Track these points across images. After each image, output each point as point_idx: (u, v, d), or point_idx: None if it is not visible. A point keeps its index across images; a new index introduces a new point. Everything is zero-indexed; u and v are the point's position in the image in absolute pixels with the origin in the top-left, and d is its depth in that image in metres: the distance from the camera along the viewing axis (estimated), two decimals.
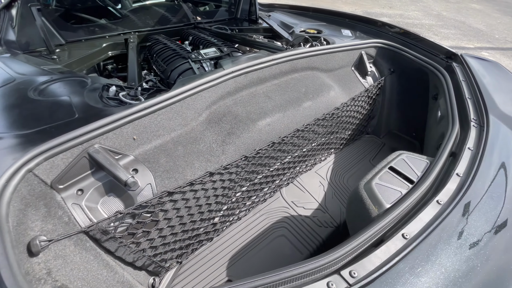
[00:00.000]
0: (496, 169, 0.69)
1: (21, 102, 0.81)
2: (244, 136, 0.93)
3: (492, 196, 0.63)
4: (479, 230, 0.56)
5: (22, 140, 0.66)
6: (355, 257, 0.52)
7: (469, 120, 0.89)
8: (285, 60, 1.11)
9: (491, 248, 0.54)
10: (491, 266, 0.51)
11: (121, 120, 0.71)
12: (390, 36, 1.55)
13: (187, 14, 1.85)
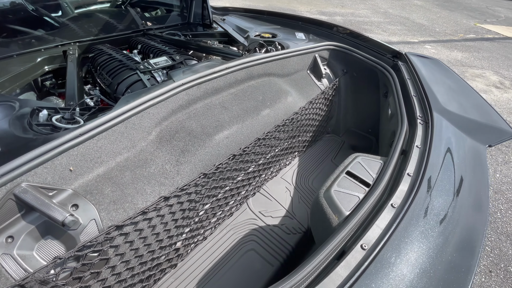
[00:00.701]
0: (441, 164, 0.74)
1: None
2: (200, 153, 0.88)
3: (441, 192, 0.67)
4: (431, 232, 0.59)
5: None
6: (318, 275, 0.50)
7: (416, 118, 0.95)
8: (240, 67, 1.08)
9: (444, 249, 0.57)
10: (445, 267, 0.54)
11: (52, 151, 0.62)
12: (341, 37, 1.60)
13: (135, 20, 1.73)
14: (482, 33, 7.37)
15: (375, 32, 6.24)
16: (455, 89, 1.11)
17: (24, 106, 0.83)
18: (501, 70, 5.12)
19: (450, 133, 0.85)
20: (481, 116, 0.95)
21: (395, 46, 5.12)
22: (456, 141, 0.83)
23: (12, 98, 0.92)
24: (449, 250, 0.58)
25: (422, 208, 0.62)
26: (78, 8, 1.75)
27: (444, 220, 0.62)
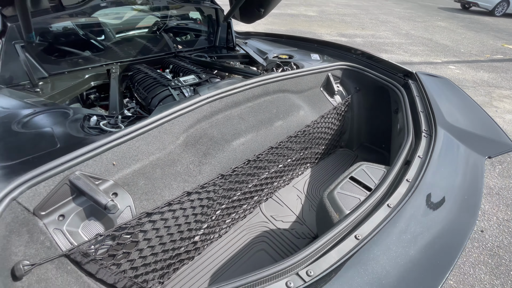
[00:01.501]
0: (439, 172, 0.79)
1: (4, 136, 0.86)
2: (219, 156, 1.00)
3: (435, 195, 0.72)
4: (419, 227, 0.64)
5: (6, 171, 0.70)
6: (314, 259, 0.57)
7: (421, 132, 1.00)
8: (257, 84, 1.21)
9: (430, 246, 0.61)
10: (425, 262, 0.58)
11: (101, 148, 0.77)
12: (354, 58, 1.70)
13: (168, 44, 1.96)
14: (511, 54, 7.12)
15: (395, 53, 6.22)
16: (461, 105, 1.15)
17: (77, 113, 1.01)
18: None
19: (452, 145, 0.89)
20: (483, 130, 0.99)
21: (417, 66, 5.15)
22: (456, 152, 0.87)
23: (67, 106, 1.12)
24: (435, 247, 0.62)
25: (414, 208, 0.68)
26: (119, 33, 2.02)
27: (434, 220, 0.67)
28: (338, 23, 8.44)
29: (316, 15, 9.34)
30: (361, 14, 10.20)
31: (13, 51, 1.23)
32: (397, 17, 10.27)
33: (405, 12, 11.54)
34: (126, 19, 2.00)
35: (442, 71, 5.41)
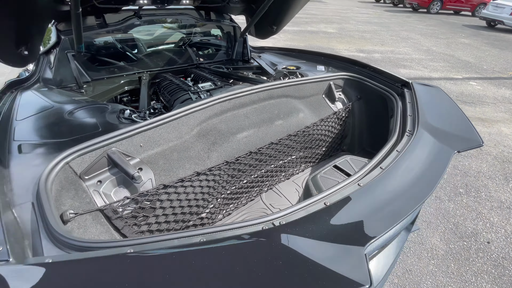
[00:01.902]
0: (410, 161, 0.91)
1: (60, 121, 1.11)
2: (225, 146, 1.18)
3: (400, 176, 0.84)
4: (380, 197, 0.76)
5: (62, 144, 0.92)
6: (287, 215, 0.72)
7: (405, 131, 1.12)
8: (263, 89, 1.40)
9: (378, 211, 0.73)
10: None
11: (132, 132, 0.98)
12: (357, 70, 1.85)
13: (191, 56, 2.24)
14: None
15: (414, 68, 6.21)
16: (445, 110, 1.25)
17: (114, 108, 1.25)
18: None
19: (427, 142, 1.01)
20: (459, 130, 1.09)
21: (436, 82, 5.15)
22: (429, 147, 0.98)
23: (106, 103, 1.37)
24: (387, 209, 0.74)
25: (380, 185, 0.80)
26: (150, 47, 2.33)
27: (394, 192, 0.78)
28: (357, 39, 8.55)
29: (336, 32, 9.53)
30: (382, 31, 10.23)
31: (65, 59, 1.52)
32: (418, 34, 10.17)
33: (427, 29, 11.41)
34: (156, 35, 2.31)
35: (462, 87, 5.32)
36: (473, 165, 3.01)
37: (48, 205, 0.65)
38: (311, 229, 0.63)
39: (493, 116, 4.26)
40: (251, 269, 0.52)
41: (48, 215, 0.62)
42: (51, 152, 0.88)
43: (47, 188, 0.72)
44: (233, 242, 0.59)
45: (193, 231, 0.62)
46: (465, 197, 2.52)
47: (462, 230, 2.16)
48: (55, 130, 1.03)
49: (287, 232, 0.62)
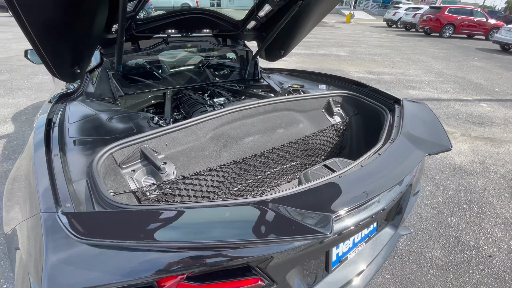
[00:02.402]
0: (386, 161, 1.07)
1: (102, 124, 1.37)
2: (234, 148, 1.39)
3: (374, 172, 0.99)
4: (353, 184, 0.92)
5: (106, 141, 1.17)
6: (278, 197, 0.89)
7: (389, 139, 1.30)
8: (268, 103, 1.63)
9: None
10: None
11: (159, 133, 1.22)
12: (355, 88, 2.06)
13: (208, 76, 2.54)
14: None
15: (424, 90, 6.28)
16: (426, 121, 1.41)
17: (144, 115, 1.52)
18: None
19: (404, 146, 1.17)
20: (434, 138, 1.24)
21: (446, 103, 5.25)
22: (405, 151, 1.14)
23: (138, 112, 1.65)
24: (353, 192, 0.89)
25: (355, 176, 0.96)
26: (173, 68, 2.66)
27: (366, 181, 0.94)
28: (368, 62, 8.78)
29: (347, 55, 9.83)
30: (393, 54, 10.44)
31: (105, 77, 1.83)
32: (430, 57, 10.28)
33: (439, 52, 11.49)
34: (179, 57, 2.65)
35: (472, 108, 5.33)
36: (479, 183, 3.03)
37: (98, 181, 0.87)
38: (295, 202, 0.81)
39: (503, 136, 4.24)
40: (251, 219, 0.72)
41: (99, 187, 0.84)
42: (97, 146, 1.12)
43: (98, 169, 0.95)
44: (240, 206, 0.77)
45: (208, 202, 0.82)
46: (468, 212, 2.55)
47: (464, 244, 2.20)
48: (100, 130, 1.29)
49: (276, 203, 0.79)
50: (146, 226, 0.67)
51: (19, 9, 0.89)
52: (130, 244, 0.63)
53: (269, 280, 0.79)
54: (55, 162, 0.90)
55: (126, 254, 0.62)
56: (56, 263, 0.59)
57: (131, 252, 0.63)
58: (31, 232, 0.70)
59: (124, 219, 0.70)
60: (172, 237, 0.65)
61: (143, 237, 0.63)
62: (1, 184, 2.62)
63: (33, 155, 0.95)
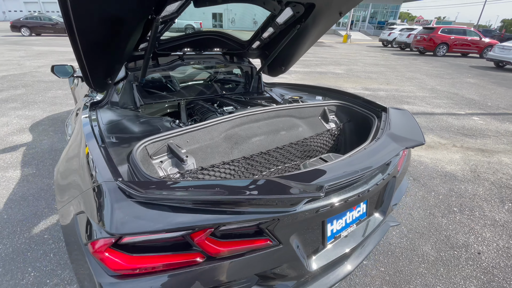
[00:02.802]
0: (368, 153, 1.28)
1: (131, 126, 1.61)
2: (243, 146, 1.61)
3: (357, 161, 1.20)
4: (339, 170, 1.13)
5: (138, 138, 1.40)
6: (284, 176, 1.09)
7: (375, 138, 1.52)
8: (271, 110, 1.87)
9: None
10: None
11: (182, 132, 1.44)
12: (348, 99, 2.31)
13: (217, 89, 2.81)
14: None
15: (417, 105, 6.54)
16: (406, 124, 1.64)
17: (166, 119, 1.76)
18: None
19: (386, 143, 1.38)
20: (411, 135, 1.46)
21: (439, 116, 5.51)
22: (386, 146, 1.36)
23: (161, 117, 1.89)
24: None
25: (342, 165, 1.17)
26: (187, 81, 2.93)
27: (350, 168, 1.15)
28: (364, 79, 9.15)
29: (344, 72, 10.25)
30: (388, 72, 10.85)
31: (129, 88, 2.09)
32: (424, 74, 10.66)
33: (433, 70, 11.90)
34: (191, 72, 2.94)
35: (464, 121, 5.55)
36: (469, 189, 3.20)
37: (139, 163, 1.08)
38: (296, 180, 1.00)
39: (494, 147, 4.43)
40: (261, 186, 0.92)
41: (140, 168, 1.05)
42: (131, 141, 1.35)
43: (137, 156, 1.16)
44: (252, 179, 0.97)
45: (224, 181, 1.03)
46: (458, 214, 2.72)
47: (454, 242, 2.35)
48: (131, 130, 1.53)
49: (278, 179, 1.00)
50: (182, 190, 0.87)
51: (76, 32, 1.16)
52: (171, 202, 0.84)
53: (276, 241, 0.98)
54: (103, 151, 1.12)
55: (168, 209, 0.83)
56: (120, 214, 0.80)
57: (173, 208, 0.84)
58: (94, 197, 0.91)
59: (165, 186, 0.90)
60: (201, 197, 0.85)
61: (180, 197, 0.84)
62: (24, 185, 2.83)
63: (88, 144, 1.18)
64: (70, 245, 1.04)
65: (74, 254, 0.98)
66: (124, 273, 0.82)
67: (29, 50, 13.12)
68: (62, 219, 1.11)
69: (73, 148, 1.33)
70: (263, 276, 1.02)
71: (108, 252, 0.81)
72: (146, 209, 0.81)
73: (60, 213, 1.13)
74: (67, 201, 1.08)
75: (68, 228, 1.03)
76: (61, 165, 1.32)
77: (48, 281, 1.81)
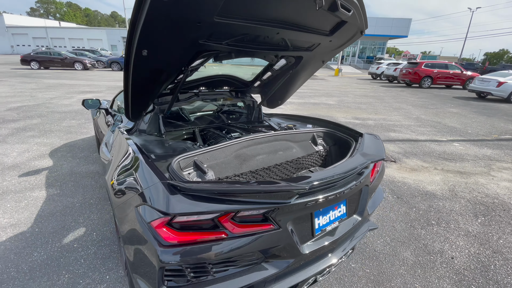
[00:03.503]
0: (342, 166, 1.71)
1: (159, 148, 2.04)
2: (249, 163, 2.04)
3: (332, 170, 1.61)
4: (317, 175, 1.56)
5: (171, 155, 1.82)
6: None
7: (351, 155, 1.96)
8: (270, 135, 2.33)
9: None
10: None
11: (204, 152, 1.87)
12: (333, 126, 2.80)
13: (223, 119, 3.30)
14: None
15: (403, 132, 7.08)
16: (375, 145, 2.10)
17: (189, 143, 2.20)
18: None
19: (357, 158, 1.82)
20: (377, 153, 1.90)
21: (422, 143, 6.10)
22: (357, 160, 1.79)
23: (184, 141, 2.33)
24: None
25: (326, 172, 1.58)
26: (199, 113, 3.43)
27: (327, 174, 1.58)
28: (354, 109, 9.83)
29: (335, 103, 10.97)
30: (376, 103, 11.61)
31: (155, 119, 2.56)
32: (410, 105, 11.42)
33: (419, 101, 12.72)
34: (203, 105, 3.45)
35: (445, 147, 6.04)
36: (447, 205, 3.59)
37: (177, 172, 1.49)
38: (287, 181, 1.42)
39: (472, 170, 4.86)
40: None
41: (178, 174, 1.46)
42: (166, 158, 1.78)
43: (175, 167, 1.56)
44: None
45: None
46: (435, 226, 3.08)
47: (430, 249, 2.70)
48: (162, 150, 1.97)
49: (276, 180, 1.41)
50: (212, 186, 1.28)
51: (131, 78, 1.65)
52: (206, 194, 1.25)
53: (277, 225, 1.36)
54: (151, 162, 1.55)
55: (204, 199, 1.24)
56: (173, 201, 1.20)
57: (207, 199, 1.24)
58: (153, 192, 1.32)
59: (200, 184, 1.31)
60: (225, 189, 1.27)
61: (212, 189, 1.25)
62: (50, 204, 3.16)
63: (140, 157, 1.61)
64: (128, 230, 1.42)
65: (133, 235, 1.36)
66: (172, 243, 1.21)
67: (40, 82, 13.88)
68: (120, 212, 1.50)
69: (123, 161, 1.76)
70: (268, 254, 1.40)
71: (165, 228, 1.20)
72: (189, 199, 1.22)
73: (119, 208, 1.52)
74: (125, 198, 1.48)
75: (127, 218, 1.42)
76: (114, 175, 1.73)
77: (81, 281, 2.11)
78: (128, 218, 1.41)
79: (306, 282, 1.54)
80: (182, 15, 1.29)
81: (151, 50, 1.44)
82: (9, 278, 2.13)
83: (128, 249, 1.42)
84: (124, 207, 1.47)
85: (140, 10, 1.18)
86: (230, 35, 1.69)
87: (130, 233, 1.39)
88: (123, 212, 1.46)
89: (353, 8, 1.63)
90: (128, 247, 1.41)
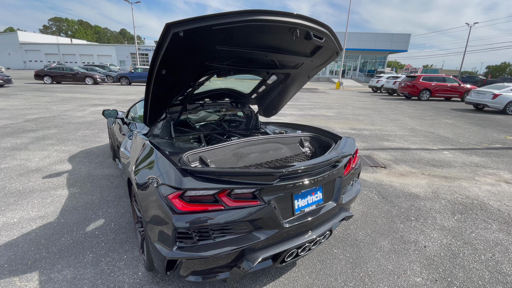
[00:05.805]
0: (319, 160, 2.15)
1: (171, 147, 2.49)
2: (245, 159, 2.47)
3: (312, 161, 2.05)
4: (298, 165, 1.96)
5: (181, 152, 2.26)
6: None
7: (329, 153, 2.38)
8: (264, 138, 2.77)
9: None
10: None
11: (207, 149, 2.30)
12: (318, 132, 3.23)
13: (225, 127, 3.77)
14: (511, 144, 7.64)
15: (396, 142, 7.42)
16: (349, 145, 2.52)
17: (193, 145, 2.65)
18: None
19: (332, 154, 2.23)
20: (348, 150, 2.32)
21: (413, 151, 6.55)
22: (331, 155, 2.20)
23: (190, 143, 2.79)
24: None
25: (301, 163, 2.00)
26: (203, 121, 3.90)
27: (305, 164, 1.99)
28: (351, 121, 10.22)
29: (334, 115, 11.39)
30: (374, 114, 11.99)
31: (167, 125, 3.03)
32: (407, 116, 11.76)
33: (416, 113, 13.04)
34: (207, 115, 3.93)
35: (435, 155, 6.36)
36: (428, 204, 3.92)
37: (187, 163, 1.91)
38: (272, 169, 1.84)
39: (457, 175, 5.17)
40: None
41: (188, 164, 1.88)
42: (176, 154, 2.22)
43: (185, 160, 1.98)
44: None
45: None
46: (414, 222, 3.42)
47: (406, 239, 3.04)
48: (176, 148, 2.41)
49: (263, 167, 1.82)
50: (214, 170, 1.71)
51: (151, 91, 2.12)
52: (209, 175, 1.68)
53: (263, 202, 1.78)
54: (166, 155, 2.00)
55: (208, 180, 1.66)
56: (185, 180, 1.63)
57: (210, 180, 1.67)
58: (170, 175, 1.75)
59: (205, 169, 1.74)
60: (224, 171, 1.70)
61: (213, 171, 1.68)
62: (72, 200, 3.60)
63: (157, 152, 2.06)
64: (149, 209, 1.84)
65: (153, 211, 1.78)
66: (183, 212, 1.63)
67: (54, 96, 14.66)
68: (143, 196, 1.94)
69: (143, 156, 2.21)
70: (256, 226, 1.80)
71: (178, 199, 1.63)
72: (196, 179, 1.66)
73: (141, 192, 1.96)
74: (149, 181, 1.91)
75: (149, 194, 1.85)
76: (136, 166, 2.18)
77: (103, 259, 2.51)
78: (150, 198, 1.83)
79: (289, 252, 1.93)
80: (193, 46, 1.77)
81: (169, 69, 1.92)
82: (41, 257, 2.54)
83: (150, 226, 1.83)
84: (146, 191, 1.90)
85: (163, 41, 1.66)
86: (229, 57, 2.18)
87: (151, 212, 1.81)
88: (146, 194, 1.90)
89: (325, 36, 2.11)
90: (150, 225, 1.83)
